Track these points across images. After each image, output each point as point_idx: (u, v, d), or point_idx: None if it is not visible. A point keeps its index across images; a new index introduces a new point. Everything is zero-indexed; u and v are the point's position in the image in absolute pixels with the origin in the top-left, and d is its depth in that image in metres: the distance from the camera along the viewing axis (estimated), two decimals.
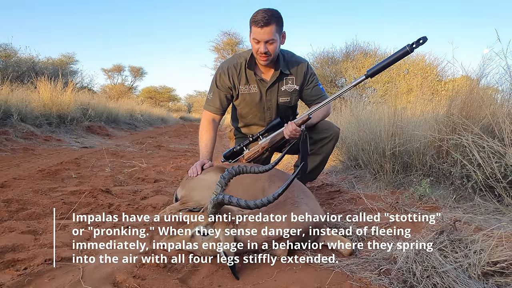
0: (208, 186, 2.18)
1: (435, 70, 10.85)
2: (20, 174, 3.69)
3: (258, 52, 2.44)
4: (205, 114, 2.78)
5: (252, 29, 2.40)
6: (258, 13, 2.35)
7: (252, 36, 2.42)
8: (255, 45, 2.43)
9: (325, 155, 2.78)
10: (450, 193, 2.68)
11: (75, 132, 8.39)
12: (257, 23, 2.33)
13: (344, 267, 1.68)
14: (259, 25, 2.33)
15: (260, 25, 2.32)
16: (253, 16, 2.37)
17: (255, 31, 2.37)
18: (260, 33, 2.35)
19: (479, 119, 2.71)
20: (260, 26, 2.33)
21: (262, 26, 2.32)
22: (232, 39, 24.88)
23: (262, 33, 2.35)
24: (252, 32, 2.40)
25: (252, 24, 2.38)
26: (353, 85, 2.37)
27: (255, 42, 2.41)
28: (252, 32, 2.41)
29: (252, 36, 2.41)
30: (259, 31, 2.35)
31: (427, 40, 2.03)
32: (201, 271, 1.67)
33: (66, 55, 21.90)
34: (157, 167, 4.74)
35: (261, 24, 2.32)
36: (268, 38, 2.37)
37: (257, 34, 2.36)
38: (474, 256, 1.43)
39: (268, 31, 2.34)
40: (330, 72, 12.30)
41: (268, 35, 2.35)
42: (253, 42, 2.43)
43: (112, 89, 33.56)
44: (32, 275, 1.55)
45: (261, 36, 2.36)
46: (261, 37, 2.36)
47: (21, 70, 13.12)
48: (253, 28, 2.38)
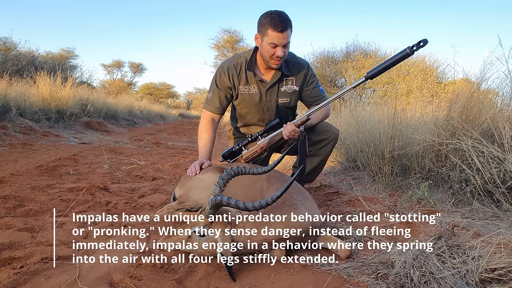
0: (207, 186, 2.18)
1: (435, 72, 10.84)
2: (18, 170, 3.67)
3: (274, 55, 2.41)
4: (204, 114, 2.77)
5: (268, 33, 2.35)
6: (274, 17, 2.31)
7: (268, 41, 2.37)
8: (271, 49, 2.39)
9: (324, 157, 2.77)
10: (448, 197, 2.68)
11: (74, 128, 8.38)
12: (277, 28, 2.30)
13: (342, 270, 1.68)
14: (279, 30, 2.30)
15: (279, 30, 2.30)
16: (268, 20, 2.32)
17: (273, 36, 2.33)
18: (280, 37, 2.33)
19: (479, 124, 2.71)
20: (280, 30, 2.30)
21: (281, 30, 2.30)
22: (233, 36, 24.81)
23: (281, 38, 2.33)
24: (269, 36, 2.35)
25: (268, 28, 2.33)
26: (352, 86, 2.36)
27: (272, 46, 2.38)
28: (267, 36, 2.36)
29: (269, 40, 2.36)
30: (278, 36, 2.32)
31: (427, 42, 2.03)
32: (198, 272, 1.67)
33: (66, 49, 21.78)
34: (156, 165, 4.73)
35: (281, 29, 2.30)
36: (287, 42, 2.37)
37: (276, 39, 2.33)
38: (472, 262, 1.43)
39: (286, 36, 2.34)
40: (330, 72, 12.28)
41: (286, 39, 2.35)
42: (269, 46, 2.38)
43: (112, 84, 33.48)
44: (29, 274, 1.54)
45: (280, 40, 2.34)
46: (280, 41, 2.34)
47: (21, 64, 13.07)
48: (271, 32, 2.33)
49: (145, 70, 39.02)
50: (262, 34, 2.41)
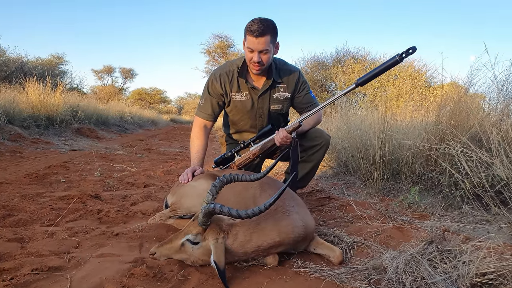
0: (199, 193, 2.17)
1: (424, 76, 11.00)
2: (7, 178, 3.62)
3: (251, 61, 2.44)
4: (196, 120, 2.77)
5: (246, 38, 2.39)
6: (254, 22, 2.34)
7: (246, 45, 2.42)
8: (249, 54, 2.43)
9: (316, 163, 2.79)
10: (438, 201, 2.71)
11: (64, 135, 8.29)
12: (252, 33, 2.32)
13: (335, 276, 1.69)
14: (254, 35, 2.32)
15: (255, 35, 2.32)
16: (248, 25, 2.36)
17: (249, 40, 2.37)
18: (255, 42, 2.35)
19: (467, 128, 2.75)
20: (255, 36, 2.33)
21: (257, 36, 2.32)
22: (224, 42, 24.82)
23: (256, 43, 2.35)
24: (247, 41, 2.40)
25: (247, 33, 2.37)
26: (343, 93, 2.39)
27: (249, 51, 2.41)
28: (246, 41, 2.41)
29: (246, 45, 2.41)
30: (253, 41, 2.35)
31: (416, 50, 2.07)
32: (191, 280, 1.66)
33: (55, 55, 21.67)
34: (147, 171, 4.70)
35: (256, 34, 2.32)
36: (262, 49, 2.37)
37: (252, 44, 2.36)
38: (463, 267, 1.44)
39: (262, 42, 2.34)
40: (321, 77, 12.36)
41: (262, 45, 2.36)
42: (247, 51, 2.43)
43: (102, 90, 33.27)
44: (19, 286, 1.52)
45: (255, 46, 2.36)
46: (255, 46, 2.36)
47: (9, 70, 12.92)
48: (248, 37, 2.37)
49: (136, 75, 38.89)
50: (244, 39, 2.46)
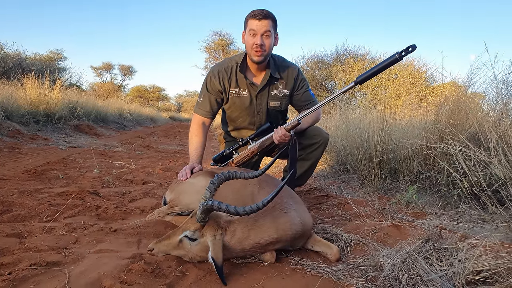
0: (197, 190, 2.18)
1: (423, 75, 10.99)
2: (6, 174, 3.62)
3: (253, 45, 2.46)
4: (195, 118, 2.77)
5: (248, 23, 2.45)
6: (256, 10, 2.43)
7: (248, 29, 2.47)
8: (251, 39, 2.46)
9: (314, 161, 2.79)
10: (436, 200, 2.72)
11: (63, 131, 8.28)
12: (255, 16, 2.41)
13: (331, 273, 1.70)
14: (257, 18, 2.40)
15: (258, 18, 2.40)
16: (250, 13, 2.45)
17: (252, 23, 2.43)
18: (258, 25, 2.41)
19: (466, 128, 2.75)
20: (258, 18, 2.40)
21: (260, 18, 2.40)
22: (223, 39, 24.76)
23: (260, 25, 2.41)
24: (249, 25, 2.45)
25: (249, 18, 2.44)
26: (342, 91, 2.39)
27: (252, 35, 2.45)
28: (248, 26, 2.46)
29: (249, 28, 2.46)
30: (256, 23, 2.41)
31: (416, 48, 2.06)
32: (188, 276, 1.66)
33: (54, 51, 21.55)
34: (146, 168, 4.71)
35: (259, 17, 2.40)
36: (265, 30, 2.43)
37: (255, 26, 2.42)
38: (459, 265, 1.45)
39: (265, 23, 2.41)
40: (320, 76, 12.36)
41: (265, 27, 2.42)
42: (249, 36, 2.47)
43: (101, 87, 33.18)
44: (17, 280, 1.52)
45: (258, 28, 2.42)
46: (258, 28, 2.42)
47: (8, 66, 12.90)
48: (250, 21, 2.44)
49: (135, 72, 38.83)
50: (245, 28, 2.52)
